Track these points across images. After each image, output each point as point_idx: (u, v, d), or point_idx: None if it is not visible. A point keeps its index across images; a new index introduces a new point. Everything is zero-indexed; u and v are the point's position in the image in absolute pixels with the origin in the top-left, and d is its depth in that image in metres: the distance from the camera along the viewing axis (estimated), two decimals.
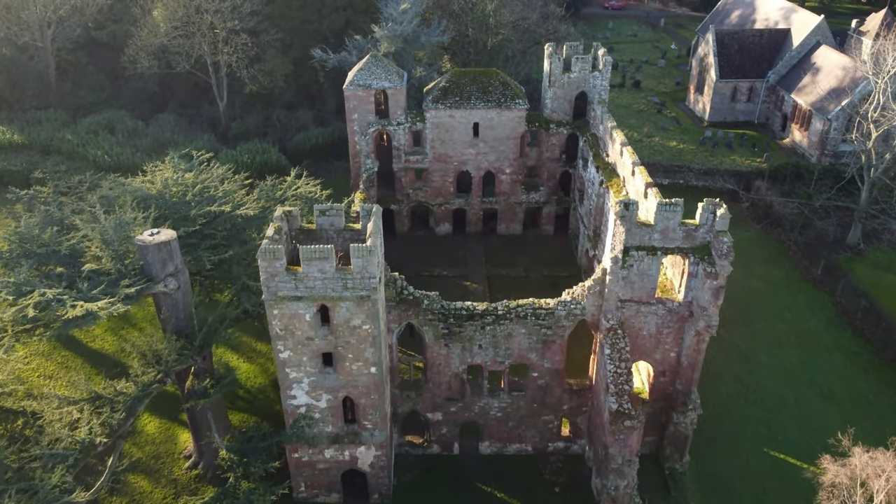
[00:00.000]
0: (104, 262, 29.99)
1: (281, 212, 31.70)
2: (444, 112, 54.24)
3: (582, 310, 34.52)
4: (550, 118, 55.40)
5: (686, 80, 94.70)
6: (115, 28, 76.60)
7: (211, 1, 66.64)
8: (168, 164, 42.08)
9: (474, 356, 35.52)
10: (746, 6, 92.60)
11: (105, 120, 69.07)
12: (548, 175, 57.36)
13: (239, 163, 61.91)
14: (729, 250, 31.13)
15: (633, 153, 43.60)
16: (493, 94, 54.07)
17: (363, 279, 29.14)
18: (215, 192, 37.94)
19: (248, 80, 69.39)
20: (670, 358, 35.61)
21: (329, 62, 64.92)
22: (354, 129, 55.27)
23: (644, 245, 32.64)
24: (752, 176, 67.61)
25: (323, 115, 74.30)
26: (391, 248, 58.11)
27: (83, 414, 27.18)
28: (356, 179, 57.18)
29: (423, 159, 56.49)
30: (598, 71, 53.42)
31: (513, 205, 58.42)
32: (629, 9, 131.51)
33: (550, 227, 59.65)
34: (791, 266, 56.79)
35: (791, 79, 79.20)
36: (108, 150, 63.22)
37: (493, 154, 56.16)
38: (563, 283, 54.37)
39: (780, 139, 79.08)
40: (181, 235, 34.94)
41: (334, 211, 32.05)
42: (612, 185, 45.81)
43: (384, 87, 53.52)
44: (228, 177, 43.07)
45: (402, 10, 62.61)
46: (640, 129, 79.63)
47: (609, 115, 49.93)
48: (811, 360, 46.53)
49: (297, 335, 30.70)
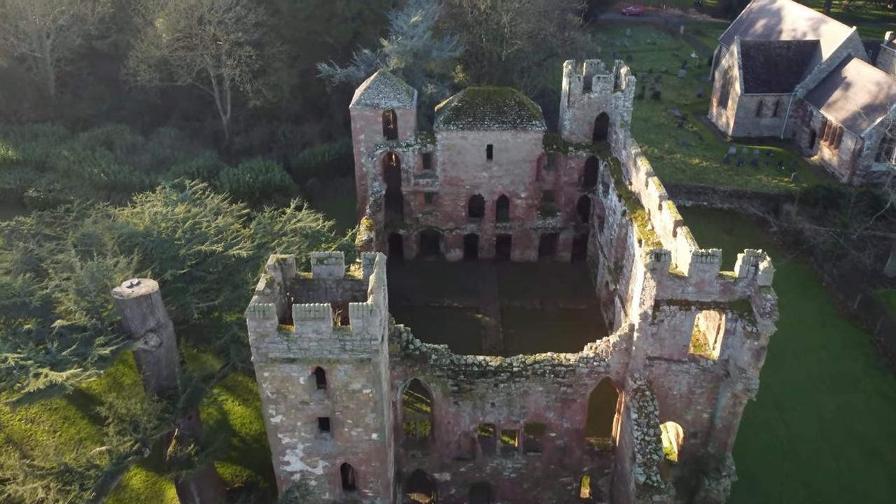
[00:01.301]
0: (77, 316, 27.09)
1: (274, 260, 28.69)
2: (457, 133, 51.11)
3: (606, 367, 31.30)
4: (569, 140, 52.15)
5: (708, 92, 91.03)
6: (117, 38, 73.93)
7: (214, 12, 63.81)
8: (159, 194, 39.21)
9: (486, 414, 32.38)
10: (772, 16, 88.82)
11: (104, 135, 66.40)
12: (565, 200, 54.10)
13: (241, 182, 59.14)
14: (773, 309, 27.86)
15: (659, 185, 40.31)
16: (508, 115, 50.89)
17: (363, 341, 26.09)
18: (207, 229, 34.98)
19: (251, 95, 66.51)
20: (702, 419, 32.33)
21: (336, 77, 61.94)
22: (361, 151, 52.29)
23: (677, 299, 29.39)
24: (780, 198, 64.01)
25: (330, 129, 71.33)
26: (399, 275, 55.23)
27: (49, 494, 24.28)
28: (362, 203, 54.20)
29: (433, 183, 53.39)
30: (621, 91, 50.08)
31: (528, 231, 55.19)
32: (647, 15, 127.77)
33: (567, 253, 56.39)
34: (825, 299, 53.26)
35: (820, 93, 75.46)
36: (106, 167, 60.53)
37: (507, 178, 52.96)
38: (580, 316, 51.40)
39: (807, 156, 75.36)
40: (168, 279, 32.06)
41: (333, 259, 28.99)
42: (636, 218, 42.52)
43: (393, 106, 50.50)
44: (224, 208, 40.20)
45: (412, 22, 59.54)
46: (660, 144, 76.14)
47: (633, 140, 46.60)
48: (850, 408, 43.06)
49: (290, 399, 27.70)
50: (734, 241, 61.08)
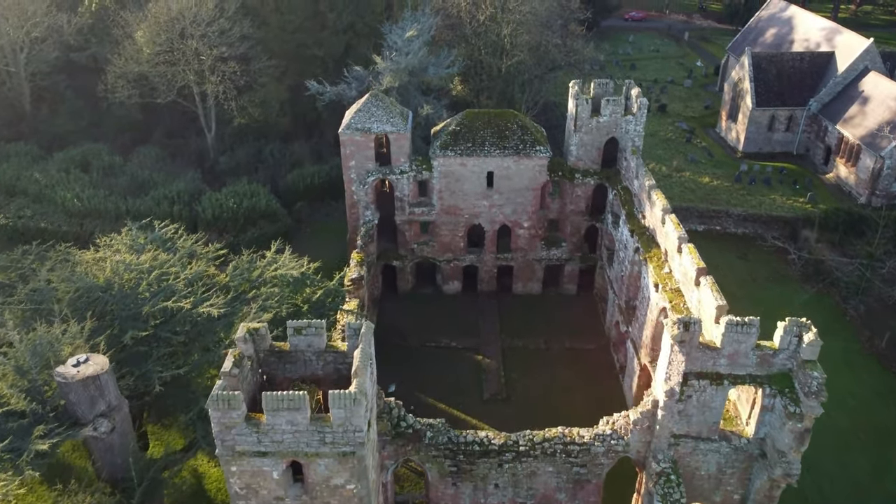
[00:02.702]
0: (14, 401, 23.29)
1: (245, 331, 24.87)
2: (455, 160, 47.34)
3: (625, 446, 27.58)
4: (575, 166, 48.41)
5: (716, 104, 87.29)
6: (97, 50, 70.02)
7: (196, 25, 59.91)
8: (125, 236, 35.44)
9: (489, 497, 28.64)
10: (783, 24, 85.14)
11: (80, 155, 62.43)
12: (571, 230, 50.35)
13: (224, 208, 55.31)
14: (820, 388, 24.16)
15: (678, 225, 36.58)
16: (511, 140, 47.12)
17: (346, 433, 22.33)
18: (175, 282, 31.21)
19: (236, 113, 62.59)
20: (733, 500, 28.60)
21: (326, 95, 58.07)
22: (351, 178, 48.53)
23: (707, 372, 25.68)
24: (798, 223, 60.30)
25: (320, 147, 67.44)
26: (393, 310, 51.52)
27: None
28: (353, 233, 50.47)
29: (429, 212, 49.62)
30: (632, 114, 46.37)
31: (531, 262, 51.43)
32: (650, 20, 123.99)
33: (573, 286, 52.62)
34: (850, 335, 49.58)
35: (836, 108, 71.81)
36: (80, 191, 56.61)
37: (509, 206, 49.21)
38: (588, 357, 47.62)
39: (822, 173, 71.73)
40: (128, 344, 28.27)
41: (312, 330, 25.16)
42: (651, 259, 38.79)
43: (386, 131, 46.75)
44: (198, 250, 36.42)
45: (407, 37, 55.71)
46: (668, 161, 72.43)
47: (646, 169, 42.82)
48: (885, 467, 39.36)
49: (262, 494, 23.92)
50: (749, 267, 57.50)
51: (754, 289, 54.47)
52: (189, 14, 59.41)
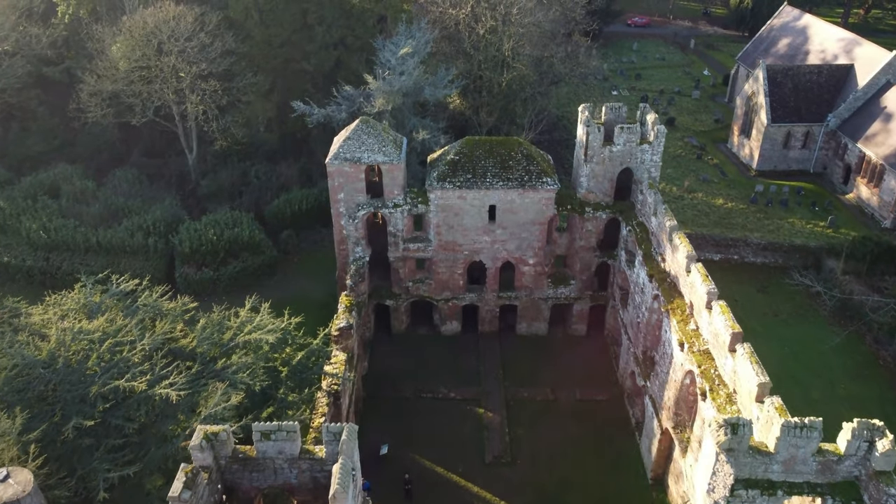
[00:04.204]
0: None
1: (201, 436, 20.59)
2: (453, 192, 43.11)
3: None
4: (586, 199, 44.20)
5: (727, 117, 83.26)
6: (71, 64, 65.66)
7: (174, 40, 55.49)
8: (78, 293, 31.12)
9: None
10: (797, 34, 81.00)
11: (49, 179, 58.01)
12: (581, 266, 46.13)
13: (203, 240, 50.95)
14: None
15: (706, 277, 32.37)
16: (515, 171, 42.88)
17: None
18: (132, 353, 26.91)
19: (217, 135, 58.15)
20: None
21: (313, 117, 53.74)
22: (340, 212, 44.30)
23: (756, 479, 21.46)
24: (821, 252, 56.16)
25: (310, 168, 63.10)
26: (386, 354, 47.16)
27: None
28: (342, 271, 46.26)
29: (425, 248, 45.38)
30: (648, 143, 42.17)
31: (536, 301, 47.23)
32: (654, 26, 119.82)
33: (582, 326, 48.45)
34: (884, 382, 45.55)
35: (856, 124, 67.73)
36: (47, 221, 52.22)
37: (513, 242, 44.98)
38: (600, 410, 43.21)
39: (841, 193, 67.69)
40: (70, 438, 23.96)
41: (283, 434, 20.88)
42: (673, 311, 34.59)
43: (377, 161, 42.54)
44: (164, 307, 32.13)
45: (401, 55, 51.37)
46: (679, 181, 68.28)
47: (666, 207, 38.56)
48: None
49: None
50: (770, 301, 53.36)
51: (776, 326, 50.43)
52: (166, 28, 55.02)
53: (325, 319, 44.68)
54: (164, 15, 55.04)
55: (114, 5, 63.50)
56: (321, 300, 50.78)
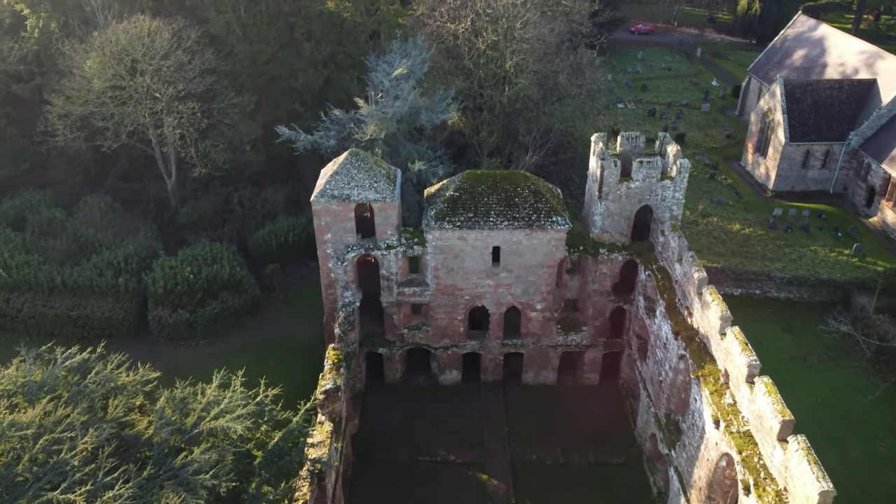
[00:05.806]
0: None
1: None
2: (453, 233, 38.76)
3: None
4: (600, 239, 39.91)
5: (739, 132, 79.20)
6: (41, 81, 61.14)
7: (149, 59, 51.03)
8: (15, 371, 26.71)
9: None
10: (813, 45, 76.86)
11: (15, 208, 53.55)
12: (594, 312, 41.81)
13: (179, 279, 46.55)
14: None
15: (745, 346, 28.08)
16: (521, 209, 38.55)
17: None
18: (72, 455, 22.53)
19: (196, 161, 53.67)
20: None
21: (299, 143, 49.38)
22: (328, 254, 39.94)
23: None
24: (850, 287, 51.96)
25: (298, 193, 58.60)
26: (378, 408, 42.56)
27: None
28: (330, 317, 41.93)
29: (422, 292, 41.04)
30: (670, 179, 37.90)
31: (545, 349, 42.94)
32: (658, 34, 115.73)
33: (595, 375, 44.18)
34: None
35: (880, 143, 63.64)
36: (9, 258, 47.75)
37: (519, 286, 40.66)
38: (617, 475, 38.70)
39: (864, 216, 63.61)
40: None
41: None
42: (705, 381, 30.30)
43: (368, 199, 38.22)
44: (123, 381, 27.81)
45: (395, 76, 47.00)
46: (692, 204, 63.94)
47: (693, 255, 34.23)
48: None
49: None
50: (797, 342, 49.09)
51: (806, 372, 46.20)
52: (140, 46, 50.58)
53: (312, 365, 40.61)
54: (139, 31, 50.63)
55: (87, 19, 59.12)
56: (308, 343, 46.59)
